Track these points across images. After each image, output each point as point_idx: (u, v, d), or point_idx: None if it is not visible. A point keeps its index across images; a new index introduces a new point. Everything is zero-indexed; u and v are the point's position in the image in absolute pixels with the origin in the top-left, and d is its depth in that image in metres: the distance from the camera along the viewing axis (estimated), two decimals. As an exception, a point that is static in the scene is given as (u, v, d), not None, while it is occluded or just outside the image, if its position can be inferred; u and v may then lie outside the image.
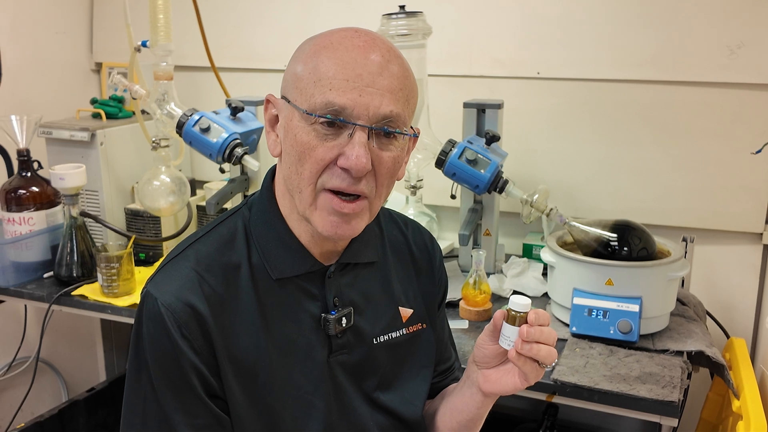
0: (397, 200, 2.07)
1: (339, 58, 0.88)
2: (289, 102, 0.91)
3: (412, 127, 0.95)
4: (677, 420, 1.32)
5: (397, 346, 1.06)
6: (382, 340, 1.04)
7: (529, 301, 0.95)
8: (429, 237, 1.15)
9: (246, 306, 0.95)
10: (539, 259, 1.84)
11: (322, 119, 0.87)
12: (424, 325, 1.10)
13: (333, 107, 0.87)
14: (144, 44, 1.79)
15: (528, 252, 1.98)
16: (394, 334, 1.06)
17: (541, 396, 1.41)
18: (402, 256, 1.10)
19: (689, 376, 1.52)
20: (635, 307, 1.49)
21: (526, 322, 0.94)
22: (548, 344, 0.94)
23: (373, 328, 1.04)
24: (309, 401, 0.98)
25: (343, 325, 1.00)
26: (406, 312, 1.07)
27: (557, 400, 1.41)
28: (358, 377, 1.03)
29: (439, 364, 1.16)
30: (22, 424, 1.98)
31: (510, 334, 0.95)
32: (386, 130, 0.89)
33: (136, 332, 0.93)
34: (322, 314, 0.99)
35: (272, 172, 1.02)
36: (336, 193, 0.90)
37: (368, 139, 0.88)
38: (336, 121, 0.87)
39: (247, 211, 1.01)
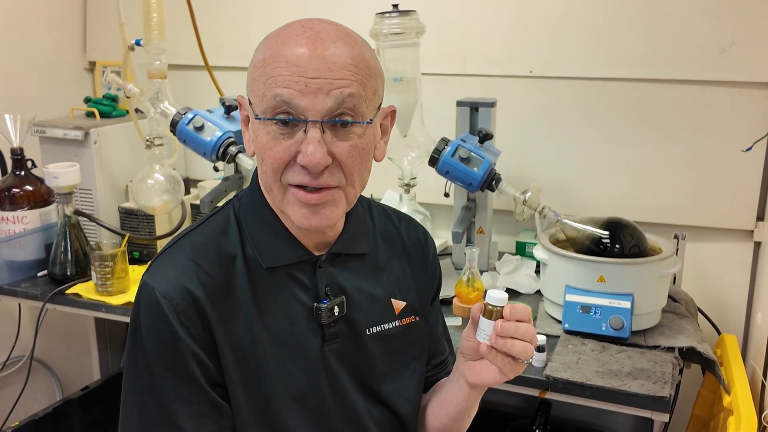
0: (391, 198, 2.07)
1: (285, 56, 0.88)
2: (250, 104, 0.93)
3: (371, 121, 0.93)
4: (668, 415, 1.34)
5: (390, 338, 1.07)
6: (374, 331, 1.05)
7: (506, 295, 0.95)
8: (422, 231, 1.16)
9: (241, 295, 0.96)
10: (532, 257, 1.84)
11: (274, 120, 0.89)
12: (417, 318, 1.10)
13: (282, 104, 0.88)
14: (138, 43, 1.79)
15: (521, 250, 1.99)
16: (386, 326, 1.06)
17: (534, 392, 1.42)
18: (395, 250, 1.11)
19: (681, 372, 1.53)
20: (627, 304, 1.50)
21: (503, 317, 0.94)
22: (524, 340, 0.93)
23: (365, 318, 1.04)
24: (302, 390, 0.98)
25: (336, 314, 1.00)
26: (398, 304, 1.08)
27: (550, 395, 1.42)
28: (352, 367, 1.03)
29: (433, 358, 1.16)
30: (17, 423, 1.98)
31: (486, 328, 0.94)
32: (339, 121, 0.89)
33: (134, 322, 0.93)
34: (315, 303, 0.99)
35: None
36: (302, 186, 0.91)
37: (323, 132, 0.89)
38: (288, 121, 0.88)
39: (237, 203, 1.02)
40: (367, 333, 1.04)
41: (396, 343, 1.07)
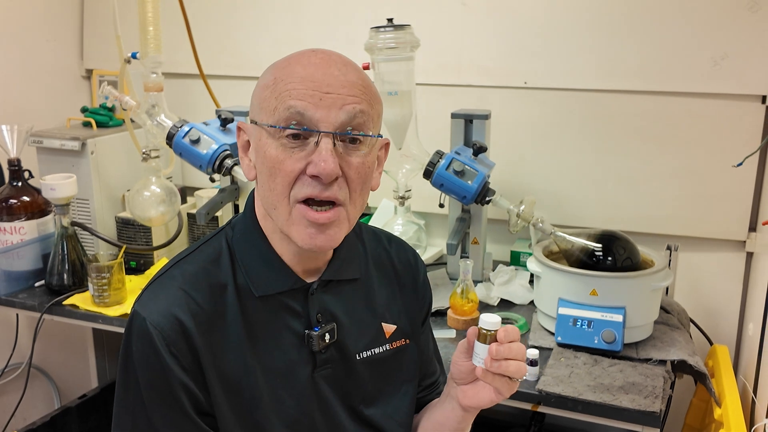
0: (387, 207, 2.09)
1: (298, 73, 0.92)
2: (256, 124, 0.95)
3: (380, 135, 0.98)
4: (658, 430, 1.35)
5: (381, 362, 1.08)
6: (365, 355, 1.06)
7: (498, 319, 0.98)
8: (413, 253, 1.17)
9: (232, 324, 0.97)
10: (526, 267, 1.86)
11: (287, 131, 0.91)
12: (408, 340, 1.12)
13: (296, 115, 0.90)
14: (134, 56, 1.80)
15: (516, 259, 2.01)
16: (377, 350, 1.08)
17: (527, 406, 1.44)
18: (386, 273, 1.12)
19: (673, 385, 1.55)
20: (619, 317, 1.52)
21: (496, 340, 0.97)
22: (517, 359, 0.96)
23: (356, 343, 1.06)
24: (294, 417, 1.00)
25: (327, 341, 1.01)
26: (389, 328, 1.09)
27: (542, 409, 1.43)
28: (343, 392, 1.05)
29: (424, 379, 1.18)
30: (15, 432, 2.00)
31: (481, 352, 0.98)
32: (350, 134, 0.92)
33: (125, 351, 0.95)
34: (306, 330, 1.01)
35: (254, 192, 1.04)
36: (309, 205, 0.92)
37: (334, 145, 0.91)
38: (301, 132, 0.90)
39: (231, 231, 1.03)
40: (358, 358, 1.06)
41: (387, 367, 1.09)
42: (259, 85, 0.96)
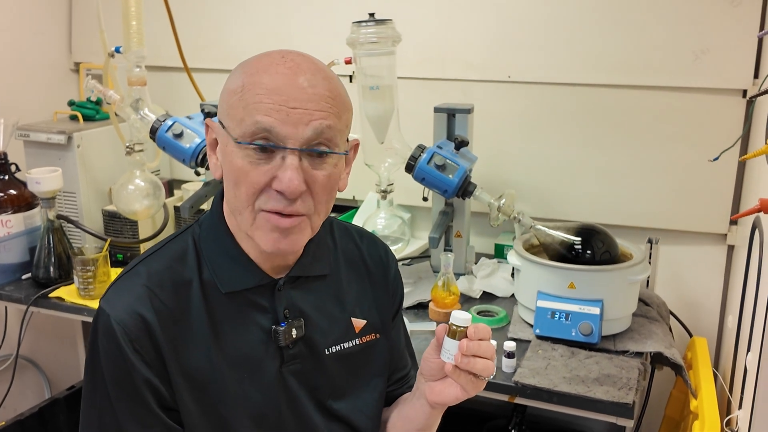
0: (373, 200, 2.10)
1: (266, 84, 0.90)
2: (224, 128, 0.95)
3: (347, 152, 0.98)
4: (632, 421, 1.37)
5: (350, 356, 1.09)
6: (334, 350, 1.07)
7: (469, 316, 0.98)
8: (384, 249, 1.18)
9: (197, 321, 0.98)
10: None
11: (253, 145, 0.91)
12: (378, 335, 1.13)
13: (262, 131, 0.90)
14: (117, 50, 1.81)
15: (500, 252, 2.02)
16: (346, 345, 1.09)
17: (503, 397, 1.45)
18: (356, 269, 1.13)
19: (652, 376, 1.56)
20: (596, 310, 1.53)
21: (467, 337, 0.97)
22: (486, 357, 0.97)
23: (325, 338, 1.07)
24: (261, 411, 1.01)
25: (294, 336, 1.02)
26: (359, 323, 1.10)
27: (519, 401, 1.45)
28: (311, 387, 1.06)
29: (395, 373, 1.19)
30: (3, 423, 2.01)
31: (450, 348, 0.98)
32: (317, 151, 0.92)
33: (91, 347, 0.96)
34: (273, 326, 1.02)
35: (222, 190, 1.04)
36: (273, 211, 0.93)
37: (300, 160, 0.91)
38: (267, 147, 0.91)
39: (198, 228, 1.04)
40: (326, 353, 1.06)
41: (356, 361, 1.10)
42: (227, 87, 0.95)
